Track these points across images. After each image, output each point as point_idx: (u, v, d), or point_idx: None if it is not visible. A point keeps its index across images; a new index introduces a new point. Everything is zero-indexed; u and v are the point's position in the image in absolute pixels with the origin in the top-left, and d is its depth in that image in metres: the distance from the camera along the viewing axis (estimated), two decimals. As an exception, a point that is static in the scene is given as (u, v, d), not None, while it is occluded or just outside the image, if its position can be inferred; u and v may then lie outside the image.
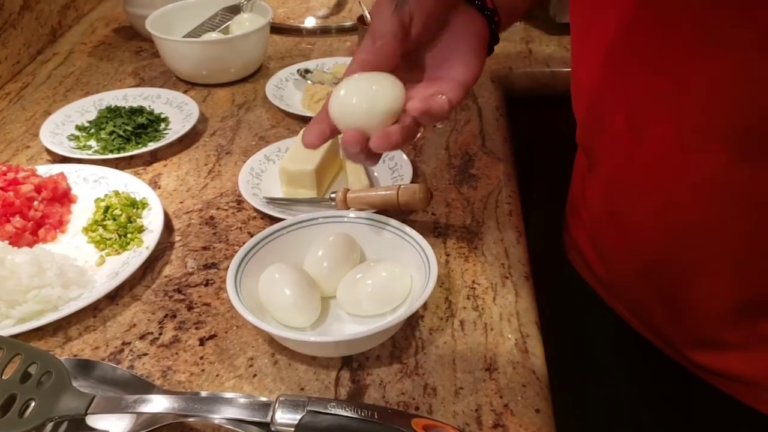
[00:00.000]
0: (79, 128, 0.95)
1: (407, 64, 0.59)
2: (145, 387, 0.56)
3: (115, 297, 0.67)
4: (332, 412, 0.49)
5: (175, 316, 0.64)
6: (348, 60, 1.08)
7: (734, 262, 0.59)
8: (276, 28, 1.24)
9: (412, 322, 0.62)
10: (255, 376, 0.58)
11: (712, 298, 0.62)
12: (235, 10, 1.16)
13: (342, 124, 0.55)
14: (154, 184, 0.84)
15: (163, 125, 0.95)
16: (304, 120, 0.96)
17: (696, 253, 0.61)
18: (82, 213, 0.78)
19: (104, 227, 0.74)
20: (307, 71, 1.05)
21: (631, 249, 0.67)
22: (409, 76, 0.59)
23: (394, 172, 0.82)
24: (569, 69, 1.10)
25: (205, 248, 0.73)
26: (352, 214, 0.68)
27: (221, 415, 0.50)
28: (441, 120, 0.55)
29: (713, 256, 0.60)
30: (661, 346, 0.71)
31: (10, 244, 0.70)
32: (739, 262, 0.59)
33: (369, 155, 0.54)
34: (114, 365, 0.58)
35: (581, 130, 0.72)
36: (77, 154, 0.88)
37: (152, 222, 0.74)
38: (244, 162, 0.84)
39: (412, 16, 0.56)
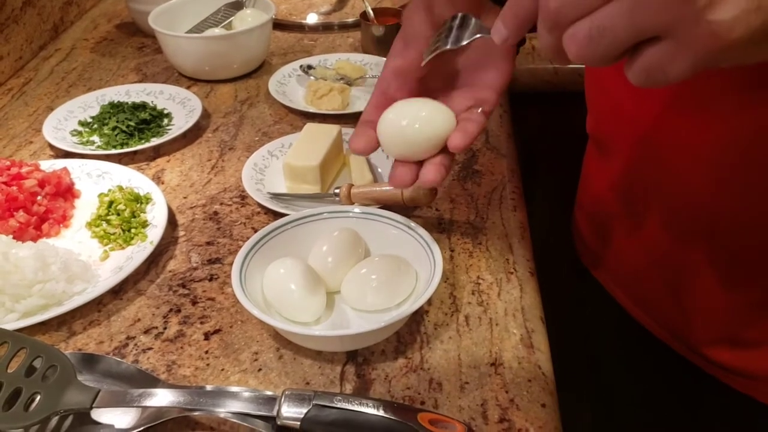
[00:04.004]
0: (81, 124, 0.95)
1: (440, 68, 0.59)
2: (149, 381, 0.56)
3: (119, 291, 0.67)
4: (338, 406, 0.49)
5: (179, 311, 0.64)
6: (350, 56, 1.09)
7: (749, 257, 0.59)
8: (278, 25, 1.24)
9: (417, 317, 0.62)
10: (260, 370, 0.58)
11: (727, 294, 0.62)
12: (237, 5, 1.16)
13: (389, 149, 0.56)
14: (158, 179, 0.84)
15: (165, 121, 0.95)
16: (307, 116, 0.95)
17: (710, 248, 0.61)
18: (85, 208, 0.78)
19: (108, 222, 0.74)
20: (309, 67, 1.05)
21: (643, 241, 0.67)
22: (443, 82, 0.59)
23: (398, 167, 0.82)
24: (572, 66, 1.11)
25: (209, 243, 0.73)
26: (356, 209, 0.68)
27: (227, 408, 0.50)
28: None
29: (727, 250, 0.60)
30: (670, 341, 0.71)
31: (14, 238, 0.70)
32: (756, 257, 0.59)
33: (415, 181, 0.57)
34: (119, 359, 0.58)
35: (593, 120, 0.72)
36: (80, 150, 0.88)
37: (156, 217, 0.74)
38: (248, 158, 0.83)
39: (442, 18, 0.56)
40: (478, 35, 0.49)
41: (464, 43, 0.50)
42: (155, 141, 0.89)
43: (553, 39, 0.39)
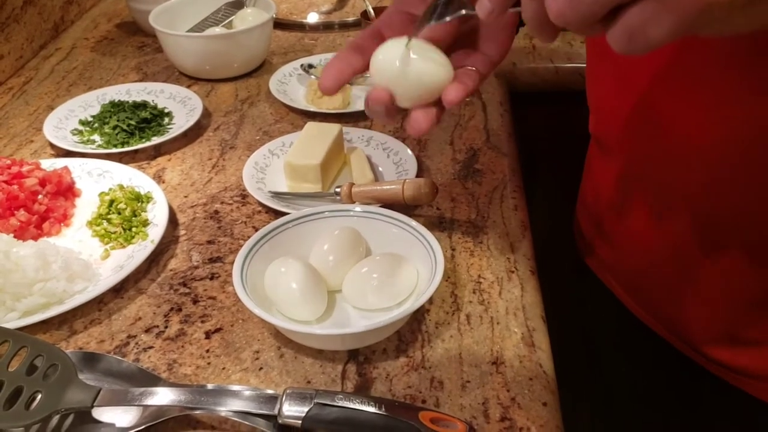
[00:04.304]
0: (82, 123, 0.95)
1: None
2: (150, 380, 0.56)
3: (120, 290, 0.67)
4: (340, 404, 0.49)
5: (180, 310, 0.64)
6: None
7: (751, 255, 0.59)
8: (279, 24, 1.24)
9: (418, 316, 0.62)
10: (261, 369, 0.58)
11: (728, 293, 0.62)
12: (238, 5, 1.16)
13: (379, 82, 0.52)
14: (159, 178, 0.84)
15: (166, 120, 0.95)
16: (308, 115, 0.95)
17: (711, 247, 0.61)
18: (86, 207, 0.78)
19: (109, 221, 0.74)
20: (310, 66, 1.05)
21: (644, 240, 0.67)
22: (442, 43, 0.57)
23: (399, 166, 0.82)
24: (573, 65, 1.11)
25: (210, 242, 0.73)
26: (357, 208, 0.68)
27: (228, 407, 0.50)
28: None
29: (728, 249, 0.60)
30: (671, 340, 0.71)
31: (15, 237, 0.70)
32: (757, 256, 0.59)
33: (390, 115, 0.53)
34: (120, 358, 0.58)
35: (594, 120, 0.72)
36: (81, 149, 0.88)
37: (157, 216, 0.74)
38: (248, 156, 0.83)
39: None
40: (462, 12, 0.49)
41: (447, 19, 0.50)
42: (156, 140, 0.89)
43: (536, 4, 0.38)
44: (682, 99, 0.57)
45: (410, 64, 0.51)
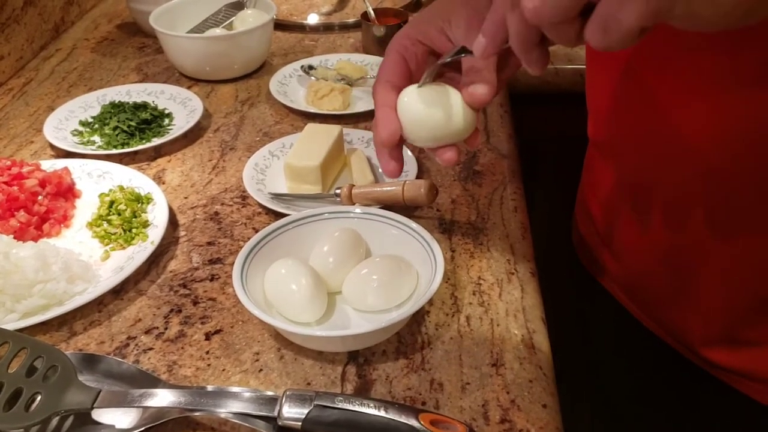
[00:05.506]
0: (82, 124, 0.95)
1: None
2: (150, 381, 0.56)
3: (120, 292, 0.67)
4: (340, 406, 0.49)
5: (180, 311, 0.64)
6: (351, 56, 1.09)
7: (750, 258, 0.59)
8: (279, 25, 1.24)
9: (418, 317, 0.62)
10: (261, 370, 0.58)
11: (728, 295, 0.62)
12: (238, 6, 1.16)
13: (411, 138, 0.55)
14: (159, 179, 0.84)
15: (166, 121, 0.95)
16: (308, 116, 0.95)
17: (710, 249, 0.61)
18: (86, 208, 0.78)
19: (109, 222, 0.74)
20: (310, 67, 1.05)
21: (642, 242, 0.67)
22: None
23: (399, 168, 0.82)
24: (573, 66, 1.11)
25: (210, 243, 0.73)
26: (357, 209, 0.68)
27: (228, 409, 0.50)
28: None
29: (727, 251, 0.60)
30: (671, 342, 0.71)
31: (15, 238, 0.70)
32: (755, 259, 0.59)
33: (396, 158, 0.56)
34: (119, 359, 0.58)
35: (593, 124, 0.72)
36: (81, 150, 0.88)
37: (157, 217, 0.74)
38: (249, 158, 0.83)
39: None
40: (462, 54, 0.51)
41: (448, 59, 0.52)
42: (156, 141, 0.89)
43: (517, 18, 0.40)
44: (680, 101, 0.57)
45: (438, 130, 0.53)
